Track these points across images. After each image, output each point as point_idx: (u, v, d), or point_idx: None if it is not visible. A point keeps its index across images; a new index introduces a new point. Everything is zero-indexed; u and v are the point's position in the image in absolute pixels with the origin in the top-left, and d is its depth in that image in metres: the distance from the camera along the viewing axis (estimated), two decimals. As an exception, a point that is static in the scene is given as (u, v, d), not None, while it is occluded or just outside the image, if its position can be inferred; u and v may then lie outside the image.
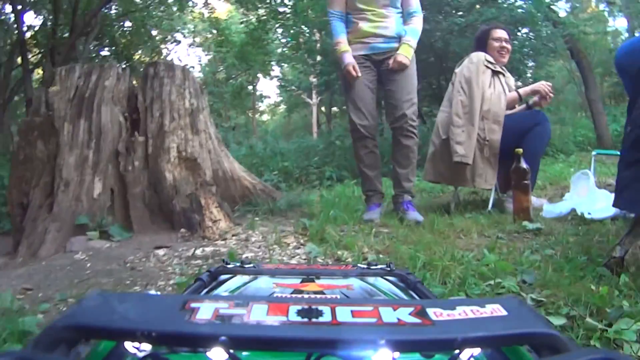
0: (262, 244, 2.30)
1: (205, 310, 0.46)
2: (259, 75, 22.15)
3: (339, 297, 0.81)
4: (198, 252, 2.17)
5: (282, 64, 19.64)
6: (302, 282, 0.91)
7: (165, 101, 2.68)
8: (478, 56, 2.97)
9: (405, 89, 2.70)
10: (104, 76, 2.69)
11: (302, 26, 12.39)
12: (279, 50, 16.92)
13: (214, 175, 2.83)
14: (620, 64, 1.96)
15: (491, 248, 1.98)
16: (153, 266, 2.03)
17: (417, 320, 0.45)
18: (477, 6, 7.76)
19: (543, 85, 3.01)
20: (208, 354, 0.44)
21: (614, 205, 1.70)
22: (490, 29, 3.20)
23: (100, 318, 0.45)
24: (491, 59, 3.00)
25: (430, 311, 0.47)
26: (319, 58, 11.93)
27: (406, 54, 2.71)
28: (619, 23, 19.73)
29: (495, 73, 2.97)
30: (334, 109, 18.14)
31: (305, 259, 2.04)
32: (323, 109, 20.01)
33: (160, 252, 2.16)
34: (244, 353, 0.53)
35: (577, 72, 10.67)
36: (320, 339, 0.43)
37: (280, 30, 14.16)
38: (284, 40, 15.41)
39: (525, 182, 2.58)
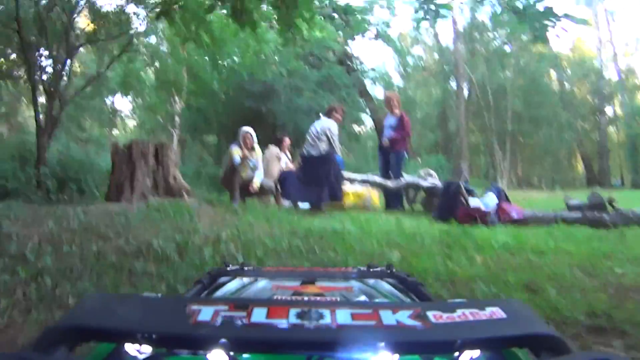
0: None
1: (205, 313, 0.49)
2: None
3: (339, 299, 0.85)
4: (185, 201, 7.66)
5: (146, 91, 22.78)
6: (302, 284, 0.97)
7: (168, 155, 8.16)
8: (273, 149, 8.58)
9: None
10: (149, 145, 8.10)
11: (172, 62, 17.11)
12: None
13: (179, 182, 8.29)
14: None
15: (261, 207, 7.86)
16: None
17: (416, 322, 0.49)
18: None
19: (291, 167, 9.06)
20: (208, 356, 0.48)
21: None
22: (281, 136, 8.99)
23: (101, 320, 0.49)
24: (278, 151, 8.59)
25: (430, 314, 0.50)
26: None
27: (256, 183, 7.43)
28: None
29: (278, 158, 8.57)
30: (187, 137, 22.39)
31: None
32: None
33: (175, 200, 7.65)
34: (245, 355, 0.58)
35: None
36: (320, 341, 0.46)
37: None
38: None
39: (278, 194, 8.46)
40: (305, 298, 0.90)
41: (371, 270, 1.14)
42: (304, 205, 7.63)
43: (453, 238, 4.84)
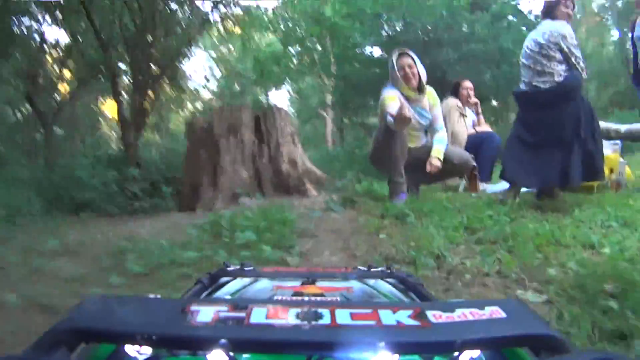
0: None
1: (205, 314, 0.48)
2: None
3: (339, 299, 0.83)
4: (308, 201, 4.13)
5: (295, 78, 20.40)
6: (302, 284, 0.94)
7: (278, 127, 4.68)
8: (451, 102, 4.63)
9: None
10: (241, 112, 4.70)
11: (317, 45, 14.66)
12: (292, 65, 18.53)
13: (302, 167, 4.83)
14: None
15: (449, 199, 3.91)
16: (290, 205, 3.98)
17: (416, 322, 0.47)
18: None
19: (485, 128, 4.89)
20: (208, 357, 0.47)
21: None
22: (460, 80, 4.86)
23: (101, 321, 0.48)
24: (460, 104, 4.63)
25: (430, 313, 0.49)
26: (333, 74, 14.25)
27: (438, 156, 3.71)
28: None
29: (461, 114, 4.60)
30: (345, 121, 19.73)
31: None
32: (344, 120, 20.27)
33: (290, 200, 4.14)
34: (244, 356, 0.56)
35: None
36: (320, 341, 0.45)
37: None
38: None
39: (474, 172, 4.41)
40: (306, 298, 0.81)
41: (371, 270, 1.05)
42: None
43: None
